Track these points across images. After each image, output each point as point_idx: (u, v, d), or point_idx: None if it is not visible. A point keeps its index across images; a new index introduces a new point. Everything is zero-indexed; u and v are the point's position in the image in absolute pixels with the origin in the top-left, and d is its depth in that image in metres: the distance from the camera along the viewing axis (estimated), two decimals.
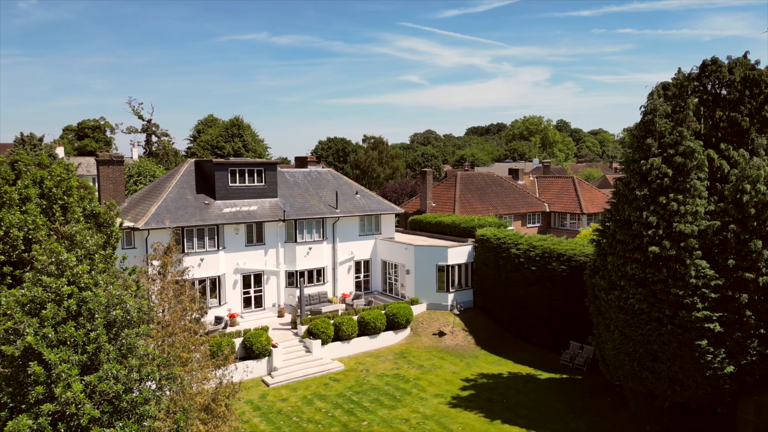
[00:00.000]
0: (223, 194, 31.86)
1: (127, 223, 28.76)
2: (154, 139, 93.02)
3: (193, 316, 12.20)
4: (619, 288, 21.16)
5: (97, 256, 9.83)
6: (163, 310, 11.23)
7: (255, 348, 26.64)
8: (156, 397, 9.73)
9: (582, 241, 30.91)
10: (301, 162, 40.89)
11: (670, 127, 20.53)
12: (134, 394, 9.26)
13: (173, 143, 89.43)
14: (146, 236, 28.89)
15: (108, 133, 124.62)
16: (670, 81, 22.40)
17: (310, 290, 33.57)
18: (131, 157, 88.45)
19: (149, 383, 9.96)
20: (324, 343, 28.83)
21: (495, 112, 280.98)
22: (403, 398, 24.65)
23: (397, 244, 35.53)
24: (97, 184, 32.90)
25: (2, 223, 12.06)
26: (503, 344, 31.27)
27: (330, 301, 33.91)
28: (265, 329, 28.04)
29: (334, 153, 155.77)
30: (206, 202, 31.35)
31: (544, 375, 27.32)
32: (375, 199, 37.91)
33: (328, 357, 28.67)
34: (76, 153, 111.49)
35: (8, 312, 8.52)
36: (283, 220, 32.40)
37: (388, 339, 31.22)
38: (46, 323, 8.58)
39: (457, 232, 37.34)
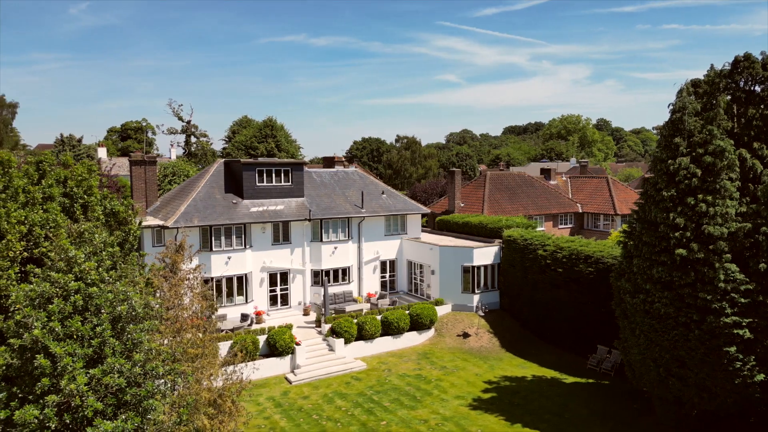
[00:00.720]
0: (250, 194, 32.39)
1: (157, 222, 29.57)
2: (193, 139, 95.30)
3: (204, 313, 12.45)
4: (645, 291, 20.57)
5: (104, 253, 10.15)
6: (170, 307, 11.49)
7: (278, 345, 27.00)
8: (160, 392, 9.97)
9: (612, 243, 30.15)
10: (328, 162, 41.21)
11: (700, 126, 19.84)
12: (140, 388, 9.51)
13: (211, 144, 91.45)
14: (175, 234, 29.61)
15: (150, 134, 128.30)
16: (702, 78, 21.66)
17: (335, 289, 33.79)
18: (169, 157, 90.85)
19: (160, 379, 10.21)
20: (347, 342, 28.98)
21: (533, 111, 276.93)
22: (424, 399, 24.55)
23: (422, 244, 35.42)
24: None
25: (26, 221, 12.59)
26: (529, 347, 30.79)
27: (355, 301, 34.07)
28: (289, 327, 28.39)
29: (368, 153, 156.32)
30: (234, 201, 31.93)
31: (570, 379, 26.77)
32: (401, 199, 37.88)
33: (351, 356, 28.80)
34: (119, 153, 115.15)
35: (17, 306, 8.89)
36: (309, 220, 32.72)
37: (411, 339, 31.16)
38: (53, 317, 8.91)
39: (484, 233, 36.96)
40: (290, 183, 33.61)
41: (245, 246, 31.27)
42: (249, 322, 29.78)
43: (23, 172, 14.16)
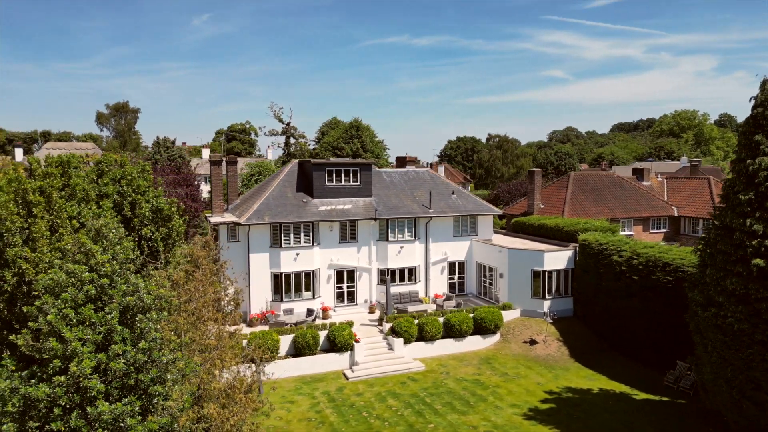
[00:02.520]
0: (320, 193, 33.33)
1: (231, 218, 31.31)
2: (291, 141, 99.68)
3: (226, 308, 13.04)
4: (717, 304, 18.72)
5: (118, 247, 10.99)
6: (189, 300, 12.16)
7: (337, 341, 27.56)
8: (171, 380, 10.60)
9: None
10: (400, 162, 41.35)
11: None
12: (146, 374, 10.18)
13: (309, 145, 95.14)
14: (248, 231, 31.19)
15: (252, 136, 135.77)
16: None
17: (401, 289, 33.87)
18: (265, 157, 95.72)
19: (169, 368, 10.86)
20: (407, 342, 28.96)
21: (648, 107, 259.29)
22: (477, 405, 23.96)
23: (491, 246, 34.52)
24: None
25: (80, 217, 13.92)
26: (600, 358, 29.00)
27: (420, 301, 33.93)
28: (350, 324, 28.89)
29: (462, 152, 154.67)
30: (304, 200, 33.02)
31: (641, 395, 24.89)
32: (472, 199, 37.16)
33: (410, 356, 28.74)
34: (225, 154, 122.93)
35: (35, 293, 9.87)
36: (375, 219, 33.06)
37: (474, 343, 30.49)
38: (66, 305, 9.80)
39: (560, 236, 35.34)
40: (359, 183, 34.15)
41: (313, 243, 32.22)
42: (313, 317, 30.68)
43: (85, 172, 15.68)
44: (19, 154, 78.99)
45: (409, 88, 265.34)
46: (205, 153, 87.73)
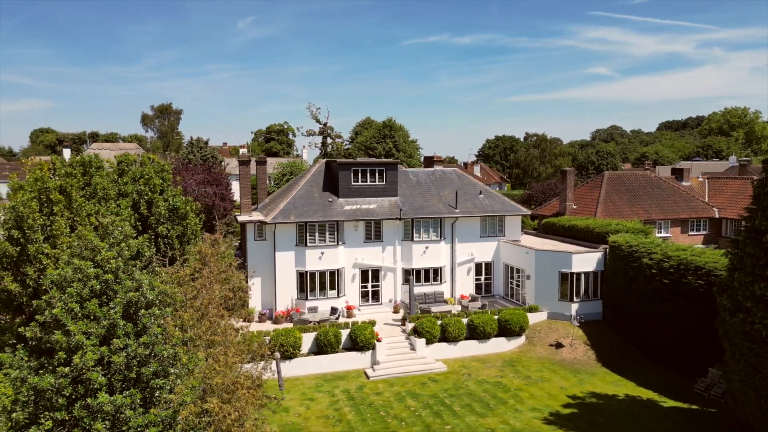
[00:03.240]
0: (345, 192, 33.54)
1: (257, 217, 31.86)
2: (328, 141, 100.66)
3: (232, 305, 13.28)
4: (745, 310, 17.95)
5: (123, 244, 11.35)
6: (195, 297, 12.46)
7: (359, 340, 27.68)
8: (174, 374, 10.89)
9: None
10: (428, 161, 41.17)
11: None
12: (147, 368, 10.50)
13: (345, 145, 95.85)
14: (273, 229, 31.68)
15: (290, 136, 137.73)
16: None
17: (425, 289, 33.76)
18: (300, 157, 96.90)
19: (172, 362, 11.16)
20: (429, 342, 28.84)
21: (698, 104, 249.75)
22: (497, 407, 23.66)
23: (518, 247, 34.00)
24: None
25: (99, 215, 14.47)
26: (628, 363, 28.18)
27: (445, 302, 33.72)
28: (372, 323, 28.97)
29: (501, 152, 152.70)
30: (330, 199, 33.29)
31: (669, 403, 24.08)
32: (499, 199, 36.68)
33: (432, 357, 28.60)
34: (264, 154, 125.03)
35: (43, 287, 10.30)
36: (399, 219, 33.03)
37: (499, 345, 30.10)
38: (72, 299, 10.20)
39: (590, 237, 34.54)
40: (384, 182, 34.20)
41: (338, 242, 32.45)
42: (337, 315, 30.91)
43: (106, 171, 16.26)
44: (67, 154, 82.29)
45: (449, 87, 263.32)
46: (242, 153, 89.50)
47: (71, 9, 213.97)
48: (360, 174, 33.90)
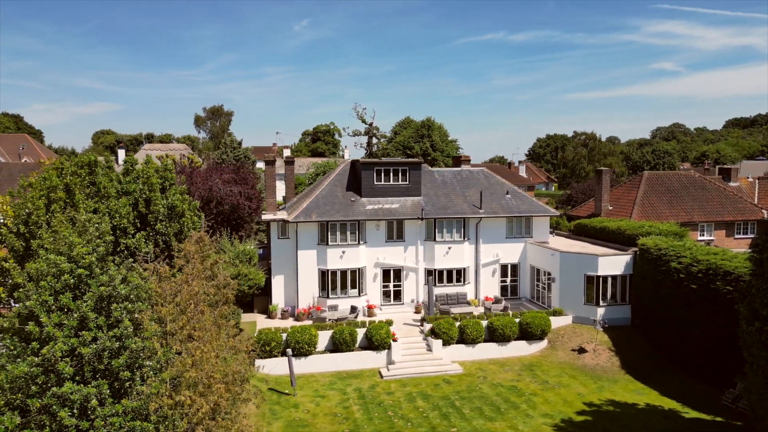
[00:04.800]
0: (368, 192, 33.69)
1: (280, 216, 32.48)
2: (374, 141, 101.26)
3: (214, 302, 13.61)
4: (762, 318, 16.94)
5: (99, 240, 11.85)
6: (176, 294, 12.85)
7: (374, 339, 27.76)
8: (149, 366, 11.32)
9: None
10: (455, 161, 40.76)
11: None
12: (120, 360, 10.95)
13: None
14: (296, 228, 32.20)
15: (336, 136, 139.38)
16: None
17: (448, 290, 33.46)
18: (342, 157, 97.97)
19: (148, 355, 11.59)
20: (446, 343, 28.58)
21: None
22: (508, 412, 23.21)
23: (544, 249, 33.18)
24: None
25: (98, 213, 15.17)
26: (654, 371, 27.01)
27: (468, 303, 33.31)
28: (389, 323, 28.99)
29: (551, 151, 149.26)
30: (353, 199, 33.52)
31: (692, 414, 22.94)
32: (527, 200, 35.90)
33: (449, 358, 28.32)
34: (310, 154, 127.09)
35: (19, 280, 10.92)
36: (421, 219, 32.88)
37: (519, 348, 29.48)
38: (45, 292, 10.77)
39: (621, 240, 33.29)
40: (407, 182, 34.13)
41: (359, 242, 32.62)
42: (356, 314, 31.10)
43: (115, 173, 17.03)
44: (122, 154, 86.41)
45: (504, 85, 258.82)
46: (286, 153, 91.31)
47: (137, 15, 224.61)
48: (383, 174, 33.97)
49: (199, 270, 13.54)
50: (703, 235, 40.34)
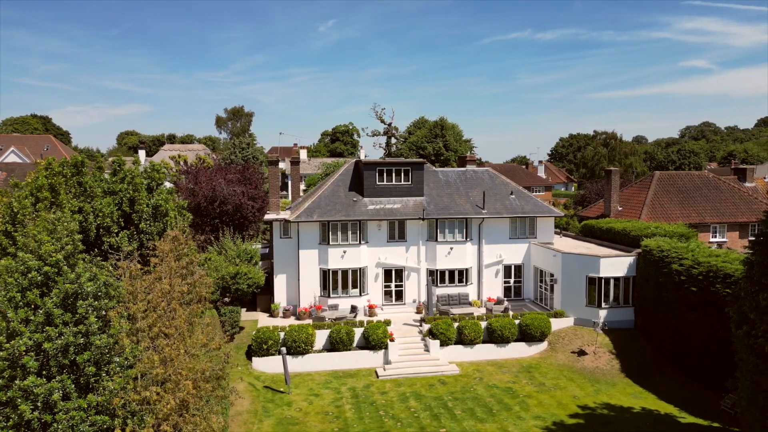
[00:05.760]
0: (370, 192, 33.79)
1: (282, 216, 32.80)
2: (393, 141, 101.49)
3: (186, 300, 13.85)
4: (749, 322, 16.56)
5: (66, 239, 12.18)
6: (148, 291, 13.12)
7: (371, 339, 27.86)
8: (116, 362, 11.62)
9: None
10: (461, 161, 40.59)
11: None
12: (84, 356, 11.27)
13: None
14: (297, 228, 32.48)
15: (355, 137, 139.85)
16: None
17: (450, 290, 33.36)
18: (358, 157, 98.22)
19: (117, 352, 11.89)
20: (444, 344, 28.52)
21: None
22: (499, 414, 23.08)
23: (547, 250, 32.84)
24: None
25: (82, 212, 15.56)
26: (654, 375, 26.54)
27: (470, 303, 33.16)
28: (387, 323, 29.08)
29: (575, 150, 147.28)
30: (354, 199, 33.66)
31: (688, 419, 22.51)
32: (531, 200, 35.56)
33: (446, 359, 28.25)
34: (329, 154, 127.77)
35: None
36: (422, 219, 32.84)
37: (518, 350, 29.26)
38: (13, 288, 11.13)
39: (627, 241, 32.76)
40: (410, 182, 34.13)
41: (360, 242, 32.74)
42: (355, 314, 31.23)
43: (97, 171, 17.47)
44: (142, 155, 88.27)
45: (530, 84, 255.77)
46: (303, 154, 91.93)
47: (167, 18, 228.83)
48: (385, 174, 34.03)
49: (174, 268, 13.83)
50: (716, 236, 39.44)
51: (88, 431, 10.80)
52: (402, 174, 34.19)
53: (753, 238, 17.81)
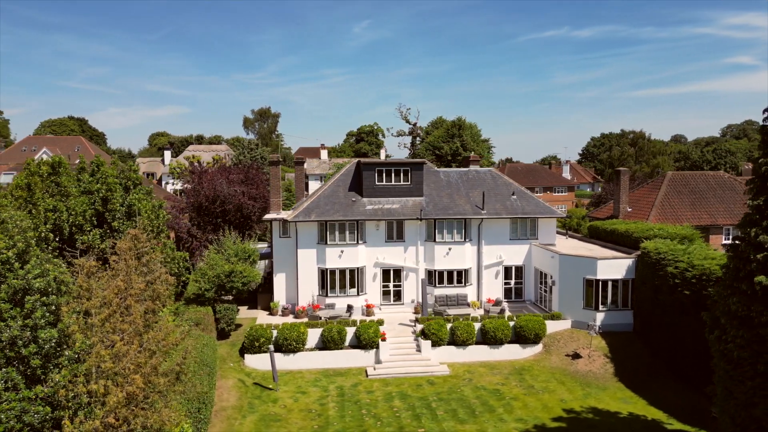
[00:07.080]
0: (369, 192, 33.98)
1: (280, 215, 33.29)
2: (417, 141, 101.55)
3: (144, 297, 14.28)
4: (720, 327, 16.16)
5: (17, 237, 12.75)
6: (104, 289, 13.61)
7: (362, 339, 28.04)
8: (61, 355, 12.15)
9: None
10: (464, 161, 40.35)
11: None
12: (29, 349, 11.82)
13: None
14: (296, 227, 32.92)
15: (380, 137, 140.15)
16: None
17: (448, 291, 33.28)
18: (379, 158, 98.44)
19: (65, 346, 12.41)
20: (435, 345, 28.48)
21: None
22: (482, 415, 22.97)
23: (546, 251, 32.43)
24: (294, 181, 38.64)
25: (55, 210, 16.21)
26: (649, 380, 25.95)
27: (468, 304, 33.01)
28: (380, 322, 29.24)
29: (606, 150, 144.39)
30: (353, 199, 33.91)
31: (675, 425, 21.97)
32: (533, 201, 35.14)
33: (437, 360, 28.22)
34: (353, 155, 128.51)
35: None
36: (420, 219, 32.85)
37: (512, 352, 28.99)
38: None
39: (629, 243, 32.07)
40: (409, 182, 34.18)
41: (358, 241, 32.95)
42: (350, 313, 31.46)
43: (76, 171, 18.15)
44: (167, 155, 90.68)
45: (566, 83, 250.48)
46: (323, 154, 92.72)
47: (205, 22, 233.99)
48: (384, 174, 34.17)
49: (132, 266, 14.30)
50: (728, 238, 38.16)
51: (33, 421, 11.33)
52: (401, 174, 34.27)
53: (728, 242, 17.32)
